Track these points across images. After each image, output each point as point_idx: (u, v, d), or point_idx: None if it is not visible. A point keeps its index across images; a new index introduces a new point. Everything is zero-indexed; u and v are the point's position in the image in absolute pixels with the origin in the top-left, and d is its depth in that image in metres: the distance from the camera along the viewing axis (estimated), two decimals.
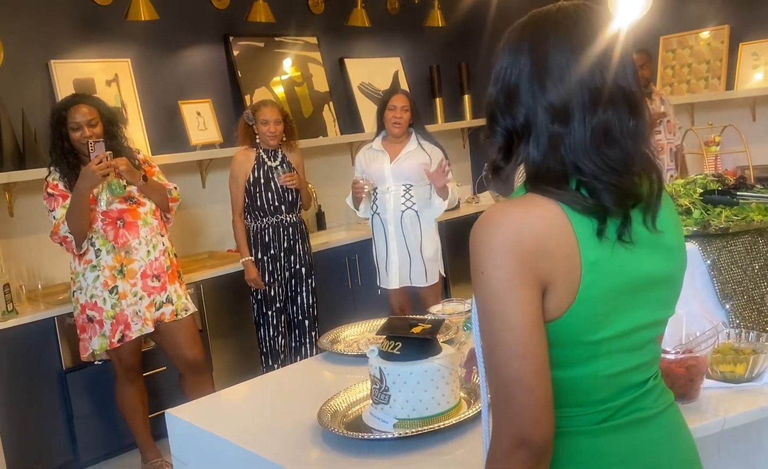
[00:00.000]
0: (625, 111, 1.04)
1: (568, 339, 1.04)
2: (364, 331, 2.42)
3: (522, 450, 0.99)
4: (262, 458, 1.61)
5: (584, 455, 1.08)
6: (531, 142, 1.05)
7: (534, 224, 1.01)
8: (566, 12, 1.08)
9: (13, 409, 3.35)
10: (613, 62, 1.04)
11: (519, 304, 0.99)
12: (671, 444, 1.14)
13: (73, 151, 3.12)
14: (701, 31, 4.83)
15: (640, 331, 1.09)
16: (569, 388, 1.06)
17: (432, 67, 5.63)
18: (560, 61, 1.03)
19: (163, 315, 3.25)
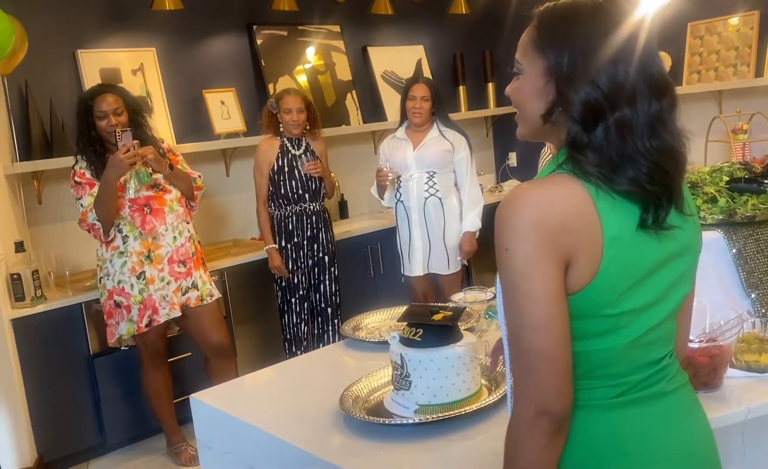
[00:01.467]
0: (670, 101, 1.09)
1: (588, 312, 1.07)
2: (385, 318, 2.43)
3: (543, 419, 1.03)
4: (285, 441, 1.63)
5: (598, 429, 1.10)
6: (606, 117, 1.06)
7: (557, 201, 1.05)
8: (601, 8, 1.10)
9: (41, 393, 3.42)
10: (656, 53, 1.10)
11: (542, 278, 1.03)
12: (685, 422, 1.16)
13: (100, 140, 3.17)
14: (730, 17, 4.74)
15: (657, 305, 1.12)
16: (587, 360, 1.09)
17: (455, 54, 5.60)
18: (628, 53, 1.07)
19: (188, 300, 3.30)
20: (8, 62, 3.34)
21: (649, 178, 1.06)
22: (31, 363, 3.39)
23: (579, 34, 1.08)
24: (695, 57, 4.93)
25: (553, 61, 1.09)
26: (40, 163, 3.69)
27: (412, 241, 3.86)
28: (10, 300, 3.37)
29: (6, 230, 3.47)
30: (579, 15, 1.09)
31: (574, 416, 1.09)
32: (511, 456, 1.08)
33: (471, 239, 3.85)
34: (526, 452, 1.05)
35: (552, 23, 1.11)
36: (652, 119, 1.07)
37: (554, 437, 1.05)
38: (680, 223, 1.12)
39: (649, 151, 1.06)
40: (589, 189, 1.05)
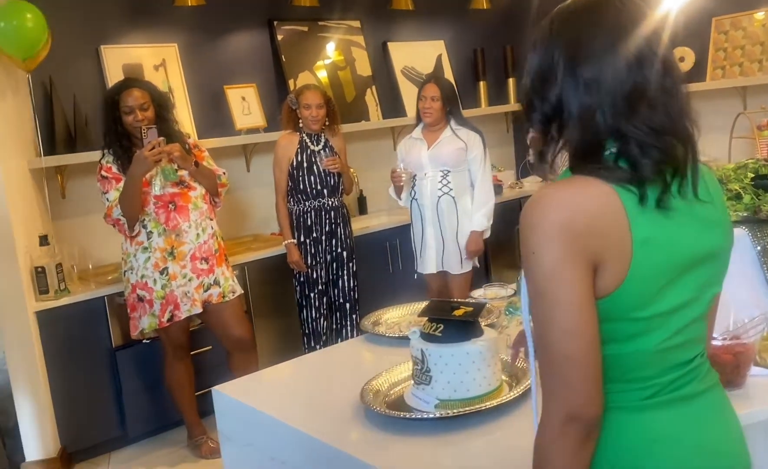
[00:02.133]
0: (659, 71, 1.05)
1: (618, 315, 1.05)
2: (405, 313, 2.44)
3: (573, 426, 1.02)
4: (307, 434, 1.64)
5: (629, 431, 1.09)
6: (566, 121, 1.08)
7: (584, 203, 1.03)
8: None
9: (65, 385, 3.47)
10: (643, 28, 1.06)
11: (570, 282, 1.01)
12: (716, 422, 1.15)
13: (126, 135, 3.20)
14: (755, 12, 4.68)
15: (688, 306, 1.10)
16: (617, 364, 1.08)
17: (476, 50, 5.58)
18: (591, 37, 1.06)
19: (210, 296, 3.33)
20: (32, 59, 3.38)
21: (642, 159, 1.04)
22: (55, 355, 3.44)
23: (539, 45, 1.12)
24: (720, 52, 4.88)
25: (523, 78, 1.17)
26: (64, 157, 3.74)
27: (425, 238, 3.86)
28: (35, 293, 3.42)
29: (30, 224, 3.52)
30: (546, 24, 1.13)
31: (605, 418, 1.07)
32: (541, 463, 1.06)
33: (477, 239, 3.83)
34: (556, 459, 1.03)
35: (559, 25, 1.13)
36: (629, 95, 1.04)
37: (584, 443, 1.03)
38: (703, 219, 1.10)
39: (632, 131, 1.04)
40: (617, 190, 1.03)
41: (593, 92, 1.05)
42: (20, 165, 3.51)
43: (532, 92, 1.12)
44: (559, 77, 1.07)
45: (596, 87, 1.05)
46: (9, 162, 3.35)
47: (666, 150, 1.05)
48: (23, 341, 3.35)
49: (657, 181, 1.05)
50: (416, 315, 2.39)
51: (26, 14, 3.27)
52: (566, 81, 1.07)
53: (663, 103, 1.05)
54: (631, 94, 1.04)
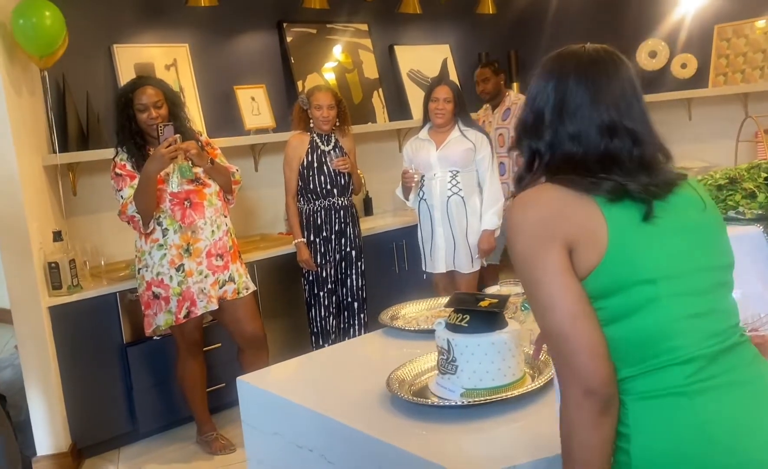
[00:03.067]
0: (629, 143, 1.20)
1: (614, 286, 1.13)
2: (422, 309, 2.48)
3: (589, 399, 1.09)
4: (335, 420, 1.68)
5: (681, 416, 1.12)
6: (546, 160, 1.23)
7: (551, 194, 1.19)
8: (589, 53, 1.24)
9: (76, 380, 3.49)
10: (621, 104, 1.20)
11: (541, 264, 1.14)
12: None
13: (140, 132, 3.22)
14: (757, 20, 4.76)
15: (697, 273, 1.17)
16: (641, 339, 1.13)
17: (481, 54, 5.64)
18: (576, 98, 1.20)
19: (225, 293, 3.36)
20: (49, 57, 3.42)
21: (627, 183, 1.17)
22: (67, 350, 3.47)
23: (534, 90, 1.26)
24: (722, 59, 4.95)
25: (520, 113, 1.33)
26: (77, 154, 3.77)
27: (434, 238, 3.90)
28: (48, 288, 3.44)
29: (44, 220, 3.55)
30: (542, 70, 1.27)
31: (650, 407, 1.12)
32: (565, 435, 1.14)
33: (489, 238, 3.88)
34: (578, 431, 1.11)
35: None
36: (602, 157, 1.19)
37: (601, 415, 1.10)
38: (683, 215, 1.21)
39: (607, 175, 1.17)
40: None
41: (577, 145, 1.20)
42: (35, 161, 3.55)
43: (521, 128, 1.28)
44: (547, 123, 1.22)
45: (580, 142, 1.20)
46: (24, 158, 3.38)
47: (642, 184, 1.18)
48: (36, 335, 3.38)
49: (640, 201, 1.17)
50: (433, 310, 2.44)
51: (45, 12, 3.31)
52: (554, 129, 1.22)
53: (633, 167, 1.19)
54: (604, 158, 1.19)
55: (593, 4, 5.20)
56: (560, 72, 1.22)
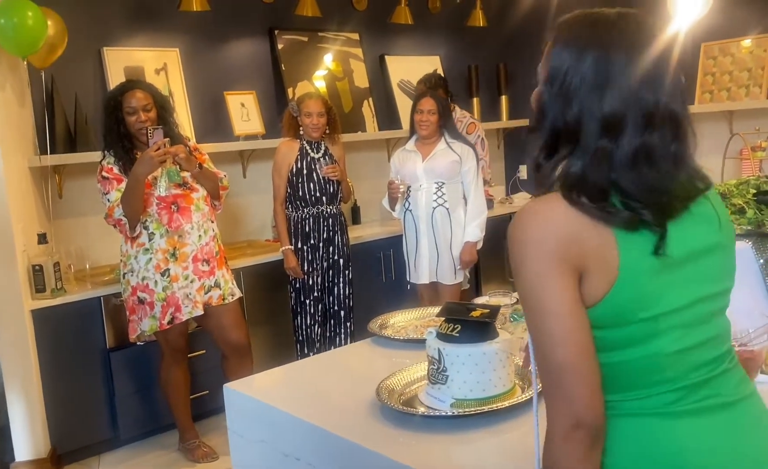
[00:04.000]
0: (670, 134, 1.07)
1: (618, 319, 1.06)
2: (411, 318, 2.47)
3: (578, 432, 1.03)
4: (322, 429, 1.66)
5: (657, 438, 1.08)
6: (576, 150, 1.07)
7: (562, 213, 1.05)
8: (629, 21, 1.09)
9: (57, 385, 3.45)
10: (667, 83, 1.06)
11: (554, 291, 1.03)
12: (755, 432, 1.13)
13: (128, 135, 3.20)
14: (743, 39, 4.82)
15: (698, 304, 1.10)
16: (633, 369, 1.08)
17: (470, 66, 5.67)
18: (622, 75, 1.04)
19: (211, 299, 3.33)
20: (48, 56, 3.40)
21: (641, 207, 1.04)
22: (49, 354, 3.42)
23: (569, 57, 1.08)
24: (708, 77, 5.00)
25: (542, 79, 1.11)
26: (65, 156, 3.74)
27: (419, 249, 3.91)
28: (31, 291, 3.40)
29: (29, 222, 3.50)
30: (575, 30, 1.10)
31: (630, 424, 1.08)
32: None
33: (471, 250, 3.89)
34: (566, 465, 1.05)
35: (556, 32, 1.12)
36: (635, 153, 1.05)
37: (590, 448, 1.05)
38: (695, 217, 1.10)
39: (628, 187, 1.04)
40: None
41: (611, 138, 1.05)
42: (20, 163, 3.51)
43: (548, 102, 1.10)
44: (582, 99, 1.06)
45: (616, 132, 1.05)
46: (9, 159, 3.34)
47: (663, 205, 1.06)
48: (18, 339, 3.33)
49: (655, 231, 1.06)
50: (422, 319, 2.43)
51: (27, 12, 3.28)
52: (588, 105, 1.06)
53: (664, 166, 1.06)
54: (637, 152, 1.05)
55: None
56: (601, 42, 1.07)
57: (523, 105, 5.83)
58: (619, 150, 1.04)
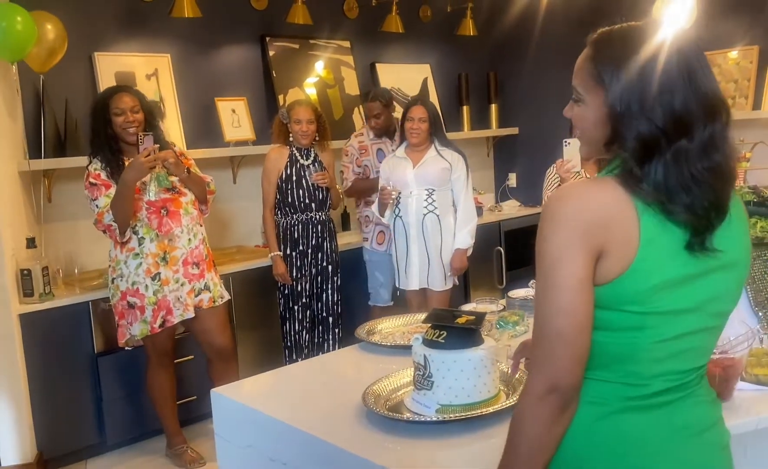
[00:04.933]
0: (723, 121, 1.13)
1: (614, 304, 1.12)
2: (398, 325, 2.49)
3: (552, 395, 1.10)
4: (309, 434, 1.68)
5: (605, 429, 1.15)
6: (661, 152, 1.10)
7: (597, 197, 1.12)
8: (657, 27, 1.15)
9: (45, 389, 3.44)
10: (707, 67, 1.13)
11: (571, 266, 1.09)
12: (699, 439, 1.18)
13: (115, 138, 3.22)
14: (730, 51, 4.87)
15: (693, 314, 1.14)
16: (607, 351, 1.14)
17: (461, 75, 5.71)
18: (682, 79, 1.10)
19: (201, 301, 3.36)
20: (47, 60, 3.41)
21: (703, 202, 1.10)
22: (36, 359, 3.41)
23: (632, 67, 1.12)
24: None
25: (610, 96, 1.13)
26: (54, 161, 3.74)
27: (409, 255, 3.93)
28: (19, 295, 3.40)
29: (18, 226, 3.50)
30: (631, 44, 1.14)
31: (582, 410, 1.14)
32: (517, 429, 1.15)
33: (461, 256, 3.92)
34: (532, 426, 1.12)
35: (607, 55, 1.15)
36: (705, 144, 1.10)
37: (561, 413, 1.11)
38: (725, 245, 1.14)
39: (702, 175, 1.09)
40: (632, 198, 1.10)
41: (687, 135, 1.10)
42: (10, 167, 3.50)
43: (626, 115, 1.12)
44: (656, 106, 1.10)
45: (689, 129, 1.10)
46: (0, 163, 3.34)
47: (722, 193, 1.12)
48: (5, 343, 3.32)
49: (708, 225, 1.11)
50: (409, 326, 2.45)
51: (15, 17, 3.28)
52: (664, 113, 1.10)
53: (725, 151, 1.12)
54: (707, 143, 1.10)
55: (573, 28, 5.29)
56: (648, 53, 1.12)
57: (512, 113, 5.88)
58: (694, 145, 1.10)
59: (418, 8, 5.53)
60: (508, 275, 5.19)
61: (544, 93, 5.54)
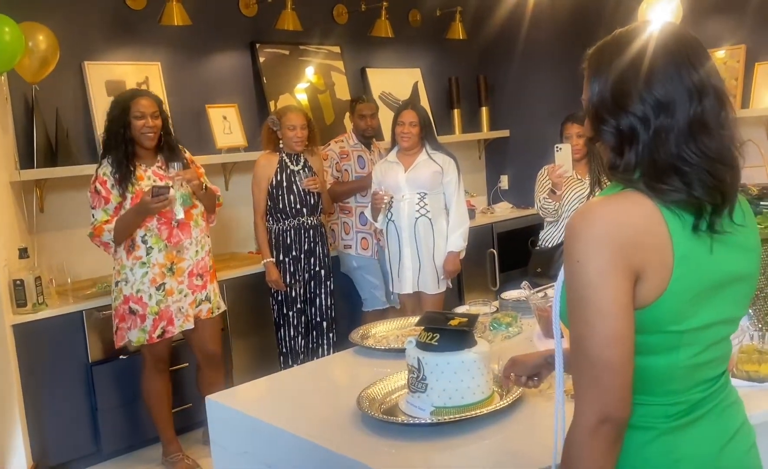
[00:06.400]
0: (716, 103, 1.12)
1: (654, 328, 1.11)
2: (392, 328, 2.50)
3: (605, 427, 1.07)
4: (305, 439, 1.68)
5: (654, 450, 1.15)
6: (639, 138, 1.12)
7: (630, 217, 1.10)
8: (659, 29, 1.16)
9: (39, 399, 3.43)
10: (707, 63, 1.14)
11: (612, 291, 1.06)
12: (735, 438, 1.20)
13: (132, 140, 3.25)
14: (717, 50, 4.91)
15: (718, 325, 1.16)
16: (648, 375, 1.13)
17: (451, 78, 5.73)
18: (664, 66, 1.11)
19: (200, 312, 3.40)
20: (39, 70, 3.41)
21: (698, 183, 1.09)
22: (30, 369, 3.40)
23: (606, 69, 1.15)
24: None
25: (590, 97, 1.18)
26: (45, 171, 3.73)
27: (402, 259, 3.93)
28: (12, 306, 3.38)
29: (9, 236, 3.49)
30: (616, 46, 1.16)
31: (631, 435, 1.13)
32: (573, 462, 1.11)
33: (454, 259, 3.93)
34: (588, 458, 1.09)
35: (594, 61, 1.19)
36: (691, 123, 1.10)
37: (614, 443, 1.09)
38: (737, 242, 1.15)
39: (692, 157, 1.09)
40: (661, 208, 1.10)
41: (668, 114, 1.10)
42: (1, 177, 3.49)
43: (604, 110, 1.15)
44: (635, 98, 1.11)
45: (670, 110, 1.10)
46: None
47: (717, 176, 1.11)
48: None
49: (710, 206, 1.11)
50: (403, 329, 2.46)
51: (3, 28, 3.27)
52: (643, 102, 1.11)
53: (718, 134, 1.12)
54: (692, 123, 1.10)
55: (562, 30, 5.32)
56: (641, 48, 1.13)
57: (503, 116, 5.91)
58: (677, 124, 1.10)
59: (407, 13, 5.55)
60: (502, 276, 5.21)
61: (534, 95, 5.58)
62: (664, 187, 1.10)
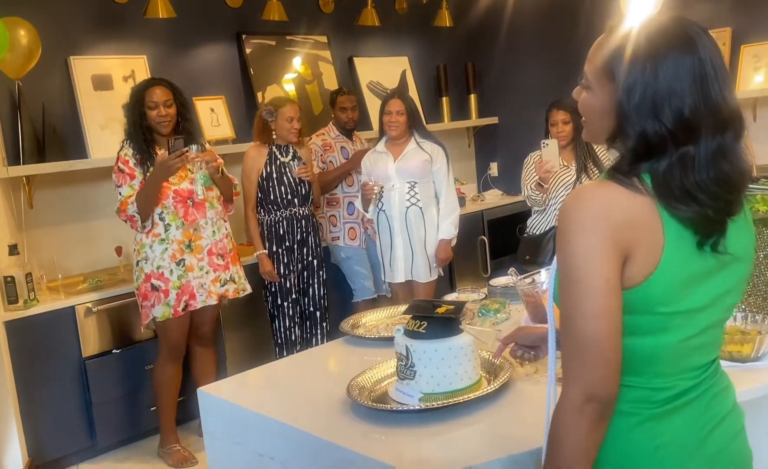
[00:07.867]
0: (734, 133, 1.12)
1: (643, 308, 1.12)
2: (382, 317, 2.52)
3: (590, 405, 1.09)
4: (295, 428, 1.71)
5: (637, 438, 1.16)
6: (664, 156, 1.10)
7: (621, 198, 1.11)
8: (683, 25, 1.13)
9: (33, 396, 3.44)
10: (731, 87, 1.13)
11: (601, 270, 1.08)
12: (722, 425, 1.21)
13: (150, 129, 3.37)
14: None
15: (709, 309, 1.16)
16: (636, 356, 1.14)
17: (439, 66, 5.73)
18: (693, 84, 1.09)
19: (227, 291, 3.51)
20: (22, 66, 3.40)
21: (709, 209, 1.09)
22: (24, 365, 3.41)
23: (645, 66, 1.10)
24: None
25: (619, 92, 1.12)
26: (33, 167, 3.72)
27: (393, 248, 3.95)
28: (3, 302, 3.39)
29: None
30: (646, 42, 1.12)
31: (615, 421, 1.14)
32: (558, 439, 1.12)
33: (446, 247, 3.96)
34: (573, 436, 1.10)
35: (621, 49, 1.13)
36: (713, 154, 1.09)
37: (600, 421, 1.10)
38: (734, 240, 1.15)
39: (708, 185, 1.09)
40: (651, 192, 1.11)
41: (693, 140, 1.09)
42: None
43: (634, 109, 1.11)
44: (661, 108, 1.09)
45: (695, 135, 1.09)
46: None
47: (734, 202, 1.13)
48: None
49: (719, 228, 1.12)
50: (393, 318, 2.48)
51: None
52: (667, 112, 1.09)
53: (736, 159, 1.12)
54: (716, 150, 1.10)
55: (548, 16, 5.33)
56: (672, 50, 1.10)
57: (492, 103, 5.92)
58: (700, 151, 1.09)
59: (393, 1, 5.54)
60: (493, 263, 5.24)
61: (522, 81, 5.59)
62: (677, 206, 1.10)
